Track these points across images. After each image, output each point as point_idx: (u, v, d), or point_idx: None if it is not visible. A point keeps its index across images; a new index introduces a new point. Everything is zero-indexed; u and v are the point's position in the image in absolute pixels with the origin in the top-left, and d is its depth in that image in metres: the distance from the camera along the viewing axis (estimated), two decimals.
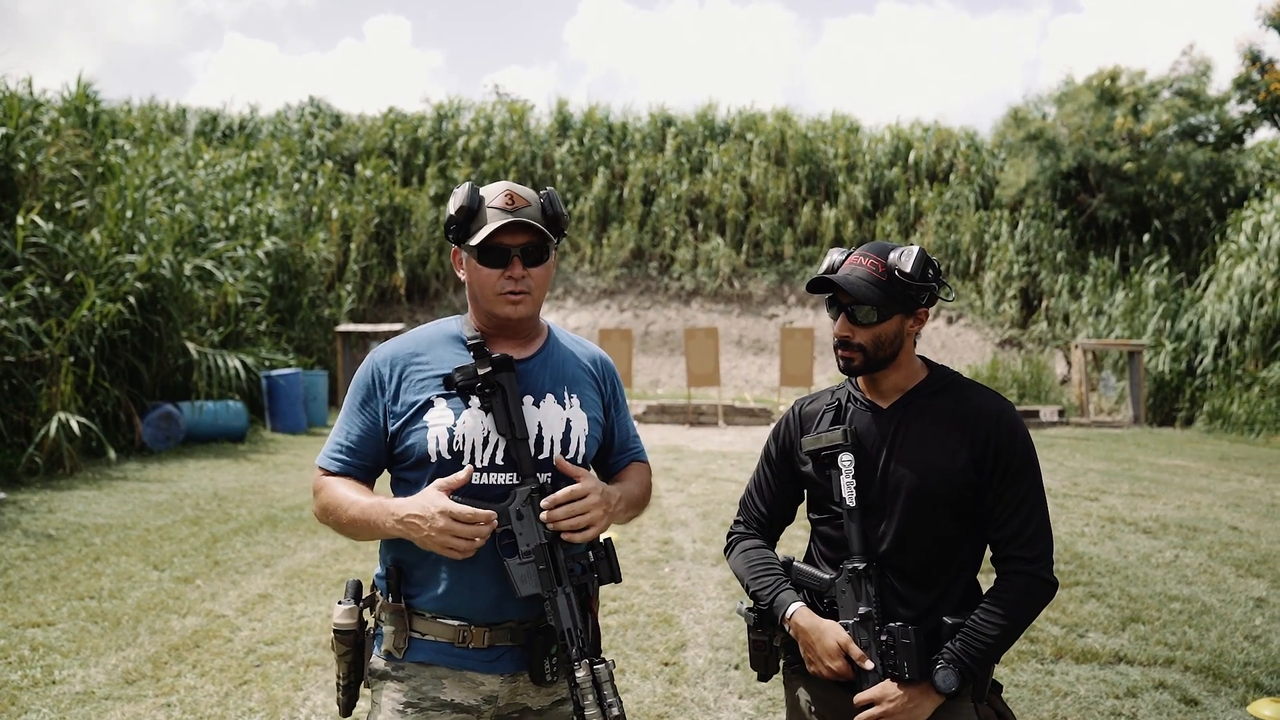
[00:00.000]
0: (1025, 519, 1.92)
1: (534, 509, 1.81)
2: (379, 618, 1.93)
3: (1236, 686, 4.10)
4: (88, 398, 10.13)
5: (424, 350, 1.94)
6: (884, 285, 1.91)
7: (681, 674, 4.25)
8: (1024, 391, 17.36)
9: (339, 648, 1.93)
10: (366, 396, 1.93)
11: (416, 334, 1.99)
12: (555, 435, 1.91)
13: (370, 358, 1.97)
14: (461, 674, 1.86)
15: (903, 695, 1.86)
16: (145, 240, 11.66)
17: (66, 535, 6.71)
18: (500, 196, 1.87)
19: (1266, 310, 14.99)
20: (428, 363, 1.92)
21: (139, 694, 3.99)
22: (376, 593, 1.97)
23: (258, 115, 25.44)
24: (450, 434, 1.85)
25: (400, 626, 1.87)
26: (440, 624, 1.86)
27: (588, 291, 22.04)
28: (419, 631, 1.87)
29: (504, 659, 1.87)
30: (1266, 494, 8.80)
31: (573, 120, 25.01)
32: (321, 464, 1.97)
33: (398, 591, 1.89)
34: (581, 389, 1.99)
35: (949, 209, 21.75)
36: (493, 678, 1.86)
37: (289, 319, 16.38)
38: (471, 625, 1.85)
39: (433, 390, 1.89)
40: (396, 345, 1.97)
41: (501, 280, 1.87)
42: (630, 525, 7.18)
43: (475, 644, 1.85)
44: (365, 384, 1.94)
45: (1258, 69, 18.56)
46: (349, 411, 1.96)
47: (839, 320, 1.98)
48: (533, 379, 1.94)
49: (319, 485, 1.95)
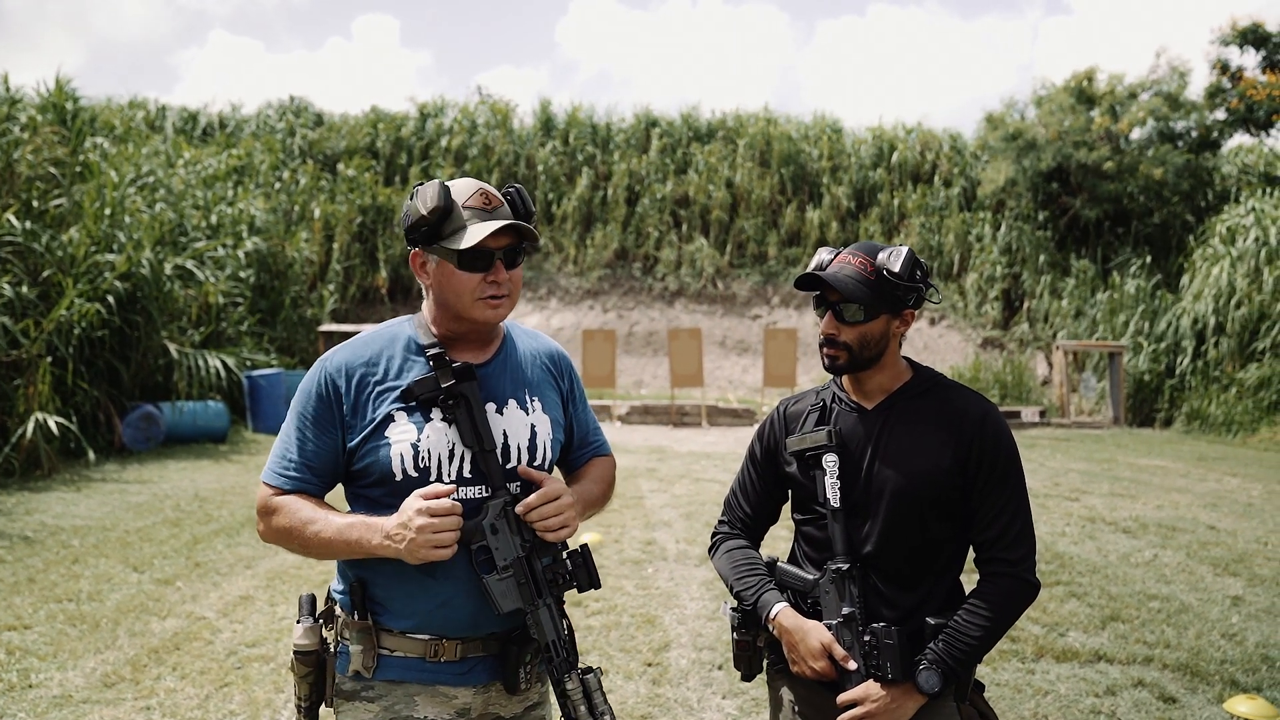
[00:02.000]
0: (1009, 521, 1.93)
1: (509, 521, 1.75)
2: (342, 635, 1.82)
3: (1214, 684, 4.14)
4: (66, 398, 10.03)
5: (378, 360, 1.82)
6: (872, 284, 1.92)
7: (665, 674, 4.25)
8: (1005, 392, 17.48)
9: (300, 669, 1.82)
10: (320, 409, 1.80)
11: (367, 340, 1.86)
12: (521, 443, 1.85)
13: (321, 367, 1.83)
14: (434, 689, 1.79)
15: (885, 695, 1.86)
16: (125, 239, 11.57)
17: (44, 537, 6.64)
18: (475, 196, 1.78)
19: (1243, 312, 15.16)
20: (384, 373, 1.81)
21: (118, 697, 3.95)
22: (336, 608, 1.86)
23: (239, 113, 25.29)
24: (415, 450, 1.76)
25: (368, 645, 1.78)
26: (410, 640, 1.78)
27: (571, 292, 22.02)
28: (387, 648, 1.79)
29: (476, 670, 1.81)
30: (1243, 494, 8.90)
31: (556, 120, 24.99)
32: (271, 481, 1.81)
33: (363, 609, 1.79)
34: (542, 391, 1.94)
35: (932, 210, 21.88)
36: (465, 690, 1.80)
37: (271, 319, 16.28)
38: (444, 639, 1.78)
39: (391, 403, 1.78)
40: (349, 354, 1.83)
41: (483, 285, 1.78)
42: (614, 526, 7.18)
43: (447, 657, 1.78)
44: (317, 394, 1.80)
45: (1228, 78, 18.79)
46: (299, 423, 1.81)
47: (825, 318, 1.98)
48: (494, 385, 1.86)
49: (273, 505, 1.79)
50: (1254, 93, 18.16)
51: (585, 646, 4.57)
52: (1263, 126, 18.69)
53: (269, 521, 1.81)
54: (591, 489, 1.98)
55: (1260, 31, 18.29)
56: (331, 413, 1.80)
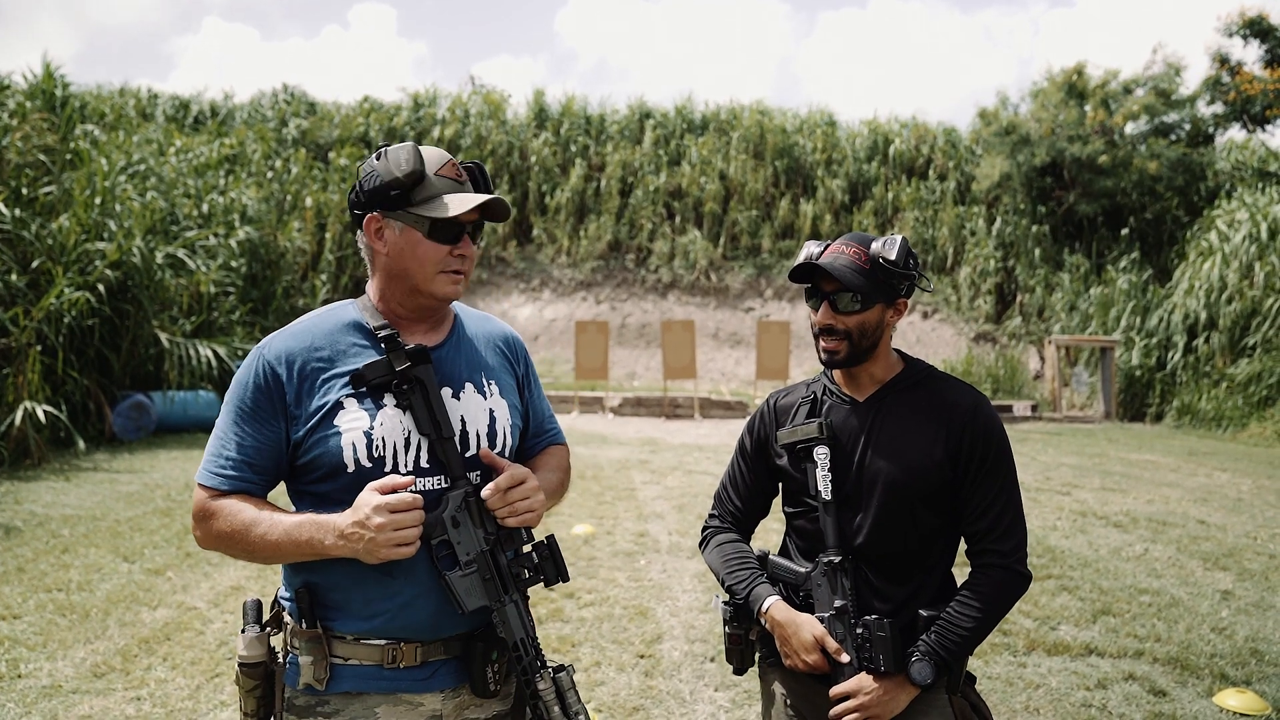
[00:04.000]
0: (1000, 513, 1.93)
1: (470, 514, 1.64)
2: (290, 645, 1.68)
3: (1203, 677, 4.16)
4: (56, 387, 9.98)
5: (323, 344, 1.69)
6: (867, 273, 1.91)
7: (657, 666, 4.25)
8: (998, 386, 17.52)
9: (246, 682, 1.69)
10: (259, 400, 1.65)
11: (308, 324, 1.73)
12: (480, 429, 1.74)
13: (259, 355, 1.68)
14: (396, 698, 1.66)
15: (878, 688, 1.86)
16: (115, 228, 11.49)
17: (33, 526, 6.60)
18: (447, 166, 1.69)
19: (1235, 308, 15.22)
20: (329, 358, 1.68)
21: (108, 687, 3.94)
22: (284, 614, 1.72)
23: (231, 102, 25.15)
24: (368, 438, 1.63)
25: (319, 655, 1.64)
26: (364, 646, 1.65)
27: (564, 283, 21.98)
28: (340, 657, 1.65)
29: (440, 674, 1.68)
30: (1233, 488, 8.94)
31: (550, 111, 24.91)
32: (207, 482, 1.65)
33: (311, 615, 1.65)
34: (499, 375, 1.83)
35: (926, 204, 21.89)
36: (431, 695, 1.68)
37: (262, 308, 16.21)
38: (401, 643, 1.65)
39: (339, 390, 1.65)
40: (289, 339, 1.69)
41: (449, 258, 1.68)
42: (606, 518, 7.17)
43: (406, 662, 1.65)
44: (255, 385, 1.66)
45: (1226, 70, 18.82)
46: (235, 418, 1.67)
47: (821, 309, 1.95)
48: (449, 368, 1.75)
49: (210, 509, 1.64)
50: (1249, 87, 18.20)
51: (577, 638, 4.57)
52: (1258, 121, 18.73)
53: (206, 527, 1.65)
54: (551, 478, 1.88)
55: (1265, 24, 18.31)
56: (272, 403, 1.65)
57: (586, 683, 4.04)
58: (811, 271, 1.94)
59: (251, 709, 1.70)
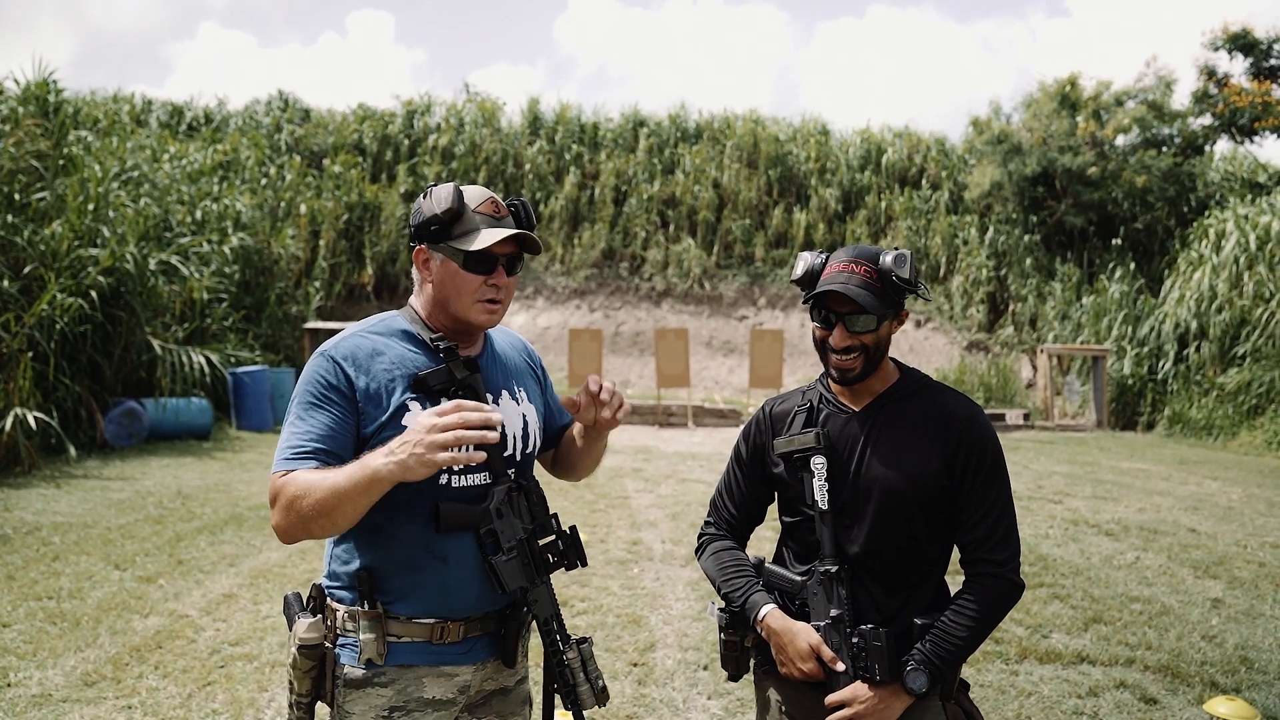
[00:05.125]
0: (994, 522, 1.94)
1: (513, 506, 1.84)
2: (345, 628, 1.83)
3: (1194, 685, 4.18)
4: (47, 393, 9.94)
5: (383, 350, 1.84)
6: (879, 291, 1.92)
7: (650, 674, 4.25)
8: (990, 395, 17.57)
9: (304, 664, 1.81)
10: (328, 393, 1.77)
11: (367, 331, 1.87)
12: (516, 432, 1.94)
13: (326, 355, 1.81)
14: (439, 669, 1.85)
15: (873, 696, 1.87)
16: (108, 234, 11.47)
17: (24, 534, 6.57)
18: (486, 203, 1.85)
19: (1225, 317, 15.30)
20: (392, 363, 1.83)
21: (99, 696, 3.92)
22: (329, 600, 1.87)
23: (225, 108, 25.12)
24: None
25: (379, 633, 1.81)
26: (416, 624, 1.83)
27: (558, 291, 21.99)
28: (395, 635, 1.83)
29: (475, 649, 1.88)
30: (1224, 497, 8.98)
31: (545, 119, 24.95)
32: (280, 468, 1.73)
33: (372, 598, 1.81)
34: (525, 380, 2.04)
35: (919, 213, 21.97)
36: (466, 668, 1.87)
37: (255, 315, 16.18)
38: (449, 621, 1.84)
39: (402, 393, 1.80)
40: (355, 343, 1.84)
41: (484, 287, 1.84)
42: (600, 526, 7.17)
43: (451, 639, 1.84)
44: (325, 381, 1.78)
45: (1214, 83, 18.96)
46: (305, 410, 1.77)
47: (836, 331, 1.94)
48: (489, 376, 1.94)
49: (281, 485, 1.70)
50: (1238, 99, 18.33)
51: None
52: (1246, 133, 18.86)
53: (281, 500, 1.69)
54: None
55: (1249, 38, 18.45)
56: (342, 395, 1.78)
57: None
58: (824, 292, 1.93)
59: (306, 689, 1.83)
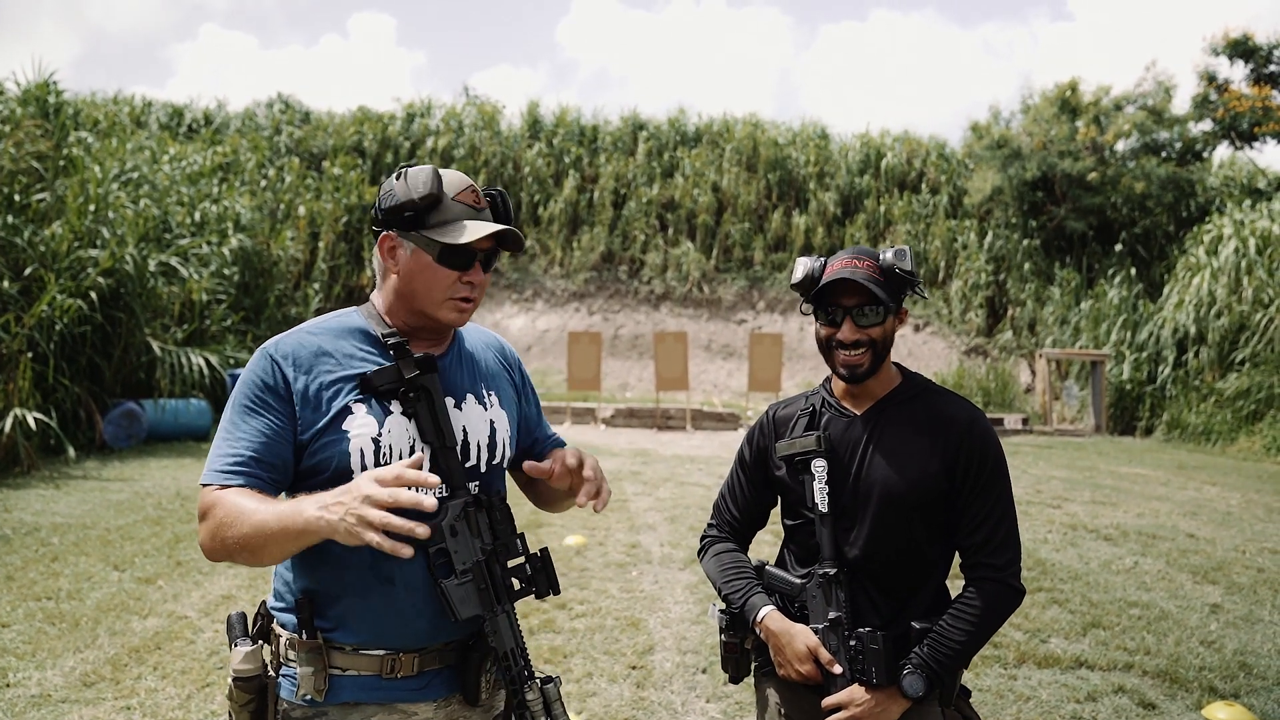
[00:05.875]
0: (994, 527, 1.94)
1: (469, 523, 1.63)
2: (286, 657, 1.66)
3: (1192, 690, 4.18)
4: (47, 394, 9.94)
5: (330, 347, 1.67)
6: (883, 285, 1.93)
7: (649, 677, 4.25)
8: (989, 399, 17.58)
9: (240, 696, 1.64)
10: (265, 398, 1.62)
11: (315, 328, 1.72)
12: (481, 440, 1.75)
13: (265, 354, 1.65)
14: (391, 707, 1.65)
15: (870, 700, 1.88)
16: (108, 235, 11.47)
17: (23, 535, 6.57)
18: (466, 192, 1.69)
19: (1223, 322, 15.32)
20: (337, 363, 1.66)
21: (98, 697, 3.92)
22: (274, 625, 1.69)
23: (225, 110, 25.15)
24: (376, 444, 1.63)
25: (319, 665, 1.62)
26: (363, 656, 1.63)
27: (557, 294, 22.00)
28: (339, 668, 1.63)
29: (434, 684, 1.68)
30: (1222, 502, 8.99)
31: (544, 122, 24.98)
32: (211, 481, 1.59)
33: (311, 626, 1.62)
34: (499, 384, 1.84)
35: (919, 218, 21.99)
36: (425, 705, 1.67)
37: (255, 317, 16.18)
38: (400, 653, 1.65)
39: (347, 394, 1.64)
40: (297, 341, 1.67)
41: (458, 284, 1.68)
42: (598, 529, 7.17)
43: (404, 672, 1.65)
44: (263, 384, 1.63)
45: (1214, 89, 19.00)
46: (241, 416, 1.62)
47: (845, 324, 1.95)
48: (452, 378, 1.76)
49: (211, 502, 1.57)
50: (1238, 105, 18.37)
51: (569, 649, 4.57)
52: (1246, 139, 18.90)
53: (209, 524, 1.56)
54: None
55: (1250, 44, 18.50)
56: (279, 400, 1.62)
57: (578, 693, 4.05)
58: (830, 286, 1.94)
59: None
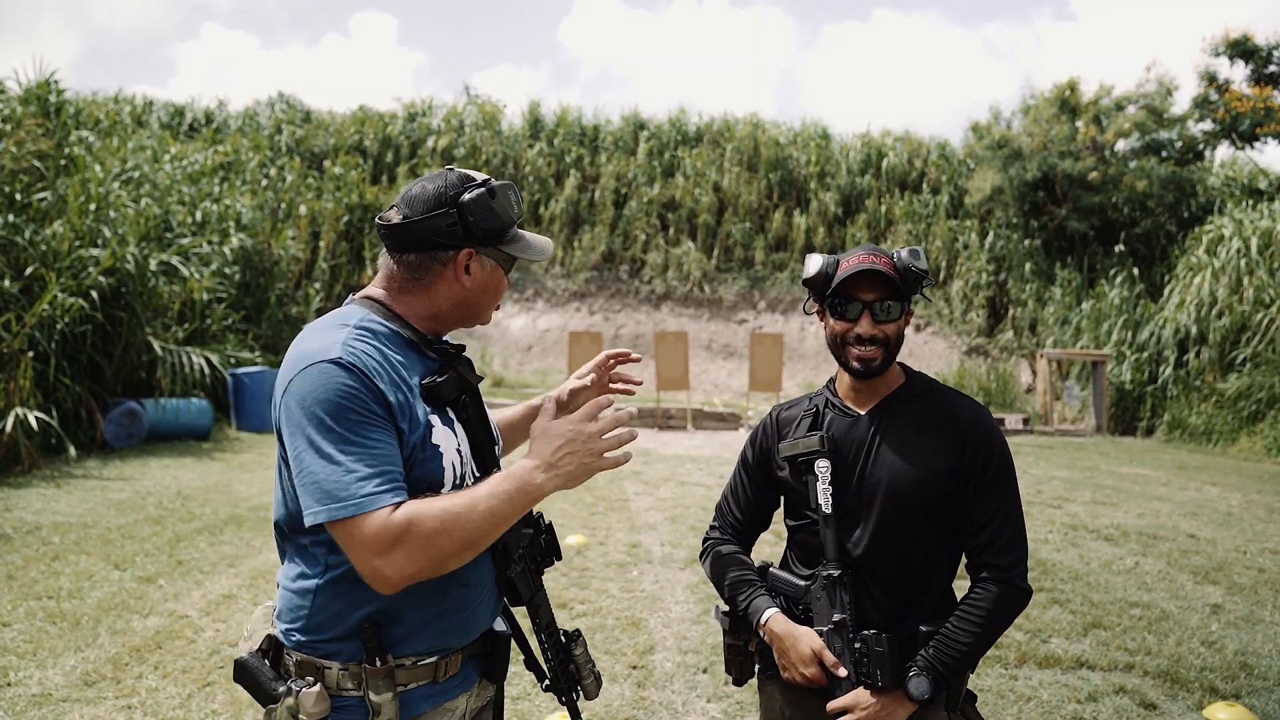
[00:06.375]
0: (1000, 527, 1.93)
1: None
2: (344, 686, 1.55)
3: (1193, 691, 4.18)
4: (48, 393, 9.93)
5: (390, 357, 1.57)
6: (899, 282, 1.95)
7: (650, 677, 4.25)
8: (990, 400, 17.57)
9: None
10: (372, 408, 1.48)
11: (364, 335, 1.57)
12: (495, 430, 1.82)
13: (342, 364, 1.48)
14: (440, 709, 1.66)
15: (875, 703, 1.87)
16: (109, 234, 11.46)
17: (24, 534, 6.57)
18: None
19: (1224, 322, 15.30)
20: (403, 374, 1.57)
21: (99, 696, 3.92)
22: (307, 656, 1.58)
23: (226, 109, 25.15)
24: (459, 456, 1.61)
25: (393, 689, 1.56)
26: (422, 667, 1.61)
27: (558, 294, 21.99)
28: (402, 683, 1.59)
29: (470, 675, 1.72)
30: (1223, 503, 8.98)
31: (545, 122, 24.97)
32: (378, 504, 1.42)
33: (382, 651, 1.55)
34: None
35: (919, 218, 21.99)
36: (462, 697, 1.70)
37: (256, 316, 16.17)
38: (449, 654, 1.65)
39: (423, 408, 1.58)
40: (365, 350, 1.53)
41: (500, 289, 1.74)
42: (599, 529, 7.17)
43: (452, 671, 1.66)
44: (356, 396, 1.47)
45: (1215, 89, 18.99)
46: (353, 431, 1.45)
47: (863, 318, 1.95)
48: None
49: (403, 523, 1.41)
50: (1238, 105, 18.36)
51: None
52: (1247, 139, 18.89)
53: (411, 545, 1.41)
54: None
55: (1250, 44, 18.49)
56: (386, 415, 1.50)
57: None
58: (851, 279, 1.94)
59: None
